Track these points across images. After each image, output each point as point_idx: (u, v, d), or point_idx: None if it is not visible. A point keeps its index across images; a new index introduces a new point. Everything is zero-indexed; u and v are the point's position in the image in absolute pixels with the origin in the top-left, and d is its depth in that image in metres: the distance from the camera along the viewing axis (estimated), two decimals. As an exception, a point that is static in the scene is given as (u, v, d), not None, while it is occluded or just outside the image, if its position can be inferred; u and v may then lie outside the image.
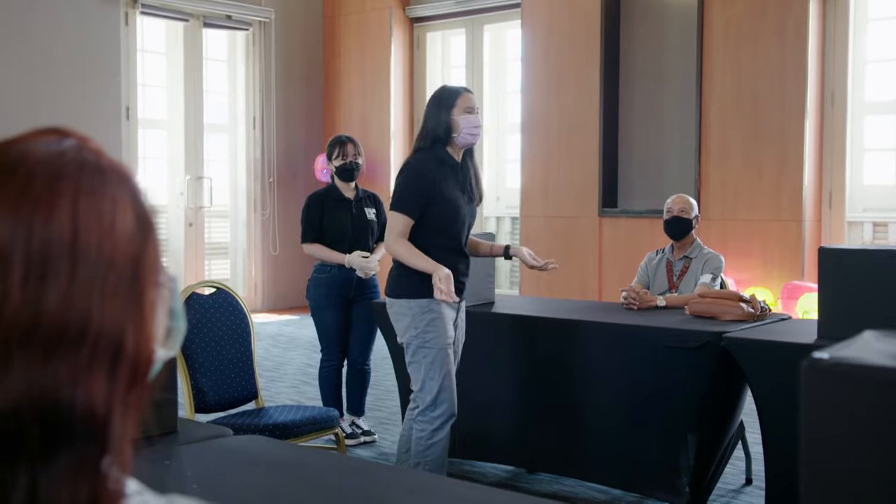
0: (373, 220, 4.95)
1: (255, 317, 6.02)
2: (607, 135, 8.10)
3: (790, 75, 7.15)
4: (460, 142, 3.58)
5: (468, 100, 3.59)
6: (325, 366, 4.92)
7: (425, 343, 3.51)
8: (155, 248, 0.74)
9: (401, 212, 3.52)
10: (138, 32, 8.87)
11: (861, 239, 7.23)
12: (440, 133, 3.55)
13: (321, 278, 4.87)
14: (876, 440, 1.05)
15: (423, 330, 3.51)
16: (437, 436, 3.53)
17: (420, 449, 3.55)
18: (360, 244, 4.87)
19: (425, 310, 3.50)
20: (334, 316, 4.85)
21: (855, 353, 1.12)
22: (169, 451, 2.21)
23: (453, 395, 3.54)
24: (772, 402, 3.49)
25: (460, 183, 3.61)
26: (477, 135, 3.60)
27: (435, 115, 3.57)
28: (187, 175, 9.30)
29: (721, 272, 4.46)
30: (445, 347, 3.51)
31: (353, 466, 2.41)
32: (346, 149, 4.95)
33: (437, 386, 3.51)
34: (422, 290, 3.49)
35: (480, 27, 9.41)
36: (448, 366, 3.53)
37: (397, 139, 9.73)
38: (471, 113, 3.57)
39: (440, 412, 3.52)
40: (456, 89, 3.65)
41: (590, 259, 8.11)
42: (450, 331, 3.55)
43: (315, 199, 4.99)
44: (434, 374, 3.51)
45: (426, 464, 3.54)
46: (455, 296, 3.43)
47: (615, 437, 3.97)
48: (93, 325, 0.68)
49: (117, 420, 0.69)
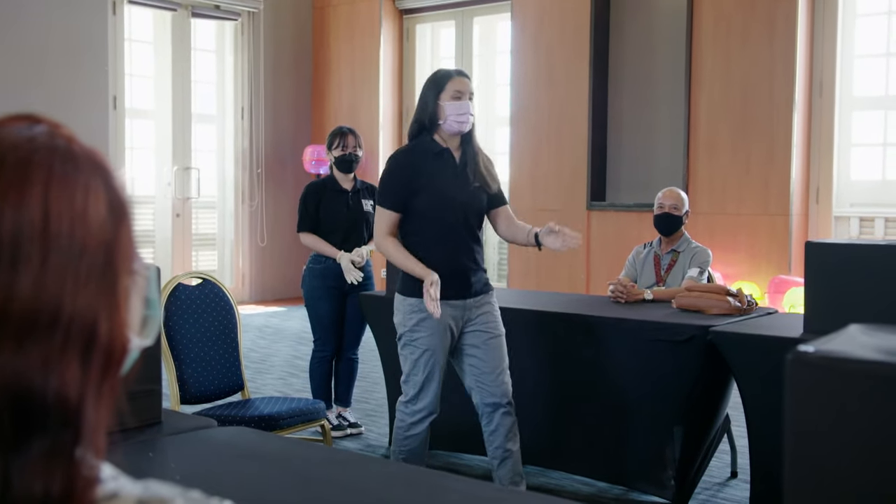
0: (369, 212, 4.94)
1: (242, 308, 5.99)
2: (596, 128, 8.09)
3: (779, 70, 7.16)
4: (447, 129, 3.45)
5: (458, 83, 3.44)
6: (316, 357, 4.92)
7: (412, 341, 3.48)
8: (129, 235, 0.73)
9: (383, 206, 3.48)
10: (126, 22, 8.82)
11: (848, 234, 7.26)
12: (425, 120, 3.47)
13: (316, 269, 4.88)
14: (860, 433, 1.04)
15: (412, 329, 3.47)
16: (414, 429, 3.52)
17: (398, 438, 3.56)
18: (354, 236, 4.88)
19: (415, 309, 3.45)
20: (329, 307, 4.85)
21: (840, 346, 1.11)
22: (153, 442, 2.20)
23: (435, 395, 3.50)
24: (757, 396, 3.49)
25: (451, 169, 3.48)
26: (465, 122, 3.44)
27: (423, 101, 3.49)
28: (175, 165, 9.26)
29: (708, 266, 4.46)
30: (433, 347, 3.45)
31: (339, 458, 2.40)
32: (347, 140, 4.96)
33: (419, 383, 3.49)
34: (413, 289, 3.44)
35: (470, 19, 9.39)
36: (435, 365, 3.46)
37: (386, 131, 9.71)
38: (459, 98, 3.42)
39: (420, 407, 3.50)
40: (447, 73, 3.51)
41: (578, 252, 8.11)
42: (443, 331, 3.44)
43: (312, 188, 4.99)
44: (417, 371, 3.48)
45: (402, 453, 3.54)
46: (438, 310, 3.30)
47: (601, 430, 3.97)
48: (65, 312, 0.67)
49: (91, 407, 0.69)
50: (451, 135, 3.49)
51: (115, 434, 0.74)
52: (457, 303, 3.47)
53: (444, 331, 3.46)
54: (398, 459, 3.54)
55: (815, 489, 1.07)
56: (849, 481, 1.05)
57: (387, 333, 4.58)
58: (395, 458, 3.59)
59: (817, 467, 1.07)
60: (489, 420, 3.56)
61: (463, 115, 3.43)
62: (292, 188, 9.73)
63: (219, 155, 9.83)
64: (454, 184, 3.47)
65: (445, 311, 3.42)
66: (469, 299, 3.50)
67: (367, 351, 5.07)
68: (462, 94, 3.44)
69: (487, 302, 3.56)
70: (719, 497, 3.99)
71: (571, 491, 4.04)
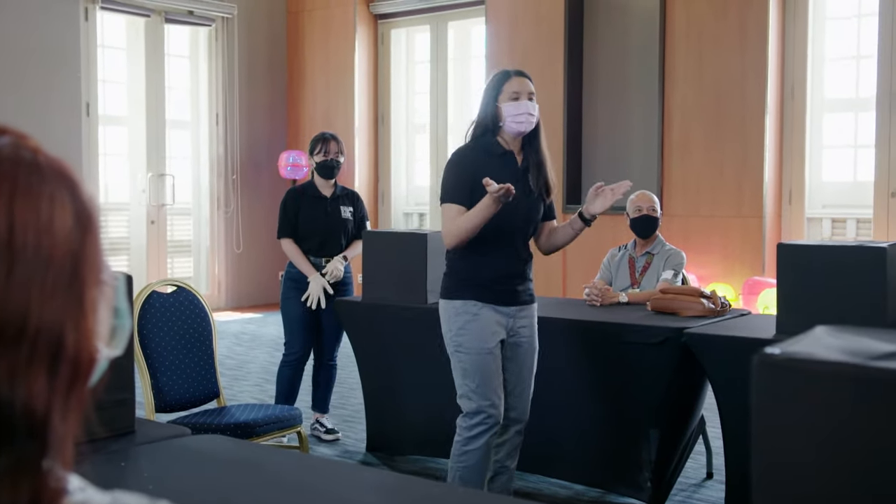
0: (347, 219, 4.94)
1: (218, 315, 5.96)
2: (571, 132, 8.13)
3: (751, 73, 7.23)
4: (508, 130, 3.35)
5: (516, 84, 3.34)
6: (283, 359, 4.90)
7: (459, 347, 3.32)
8: (96, 246, 0.73)
9: (450, 201, 3.32)
10: (99, 28, 8.75)
11: (820, 235, 7.33)
12: (488, 122, 3.36)
13: (293, 272, 4.88)
14: (826, 433, 1.06)
15: (457, 332, 3.32)
16: (472, 444, 3.30)
17: (456, 454, 3.37)
18: (330, 242, 4.87)
19: (460, 311, 3.32)
20: (300, 310, 4.83)
21: (806, 347, 1.13)
22: (125, 452, 2.18)
23: (494, 402, 3.30)
24: (731, 397, 3.52)
25: (513, 173, 3.34)
26: (524, 122, 3.32)
27: (484, 103, 3.38)
28: (149, 172, 9.21)
29: (683, 268, 4.50)
30: (481, 351, 3.29)
31: (313, 465, 2.40)
32: (329, 146, 4.94)
33: (471, 391, 3.29)
34: (460, 291, 3.34)
35: (445, 24, 9.41)
36: (486, 370, 3.28)
37: (361, 136, 9.70)
38: (516, 99, 3.32)
39: (477, 421, 3.30)
40: (504, 73, 3.41)
41: (553, 255, 8.11)
42: (491, 334, 3.31)
43: (292, 194, 5.00)
44: (469, 378, 3.30)
45: (459, 470, 3.34)
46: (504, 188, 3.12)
47: (577, 433, 3.99)
48: (31, 323, 0.67)
49: (58, 418, 0.69)
50: (513, 136, 3.38)
51: (86, 445, 0.74)
52: (505, 309, 3.37)
53: (493, 335, 3.33)
54: (454, 479, 3.36)
55: (782, 488, 1.08)
56: (814, 479, 1.07)
57: (364, 339, 4.59)
58: (451, 475, 3.39)
59: (784, 466, 1.08)
60: (500, 433, 3.42)
61: (521, 115, 3.32)
62: (268, 194, 9.70)
63: (193, 161, 9.78)
64: (514, 185, 3.23)
65: (494, 316, 3.34)
66: (515, 307, 3.40)
67: (342, 356, 5.06)
68: (520, 95, 3.33)
69: (530, 315, 3.47)
70: (695, 498, 4.02)
71: (549, 494, 4.05)
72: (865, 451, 1.03)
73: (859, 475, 1.03)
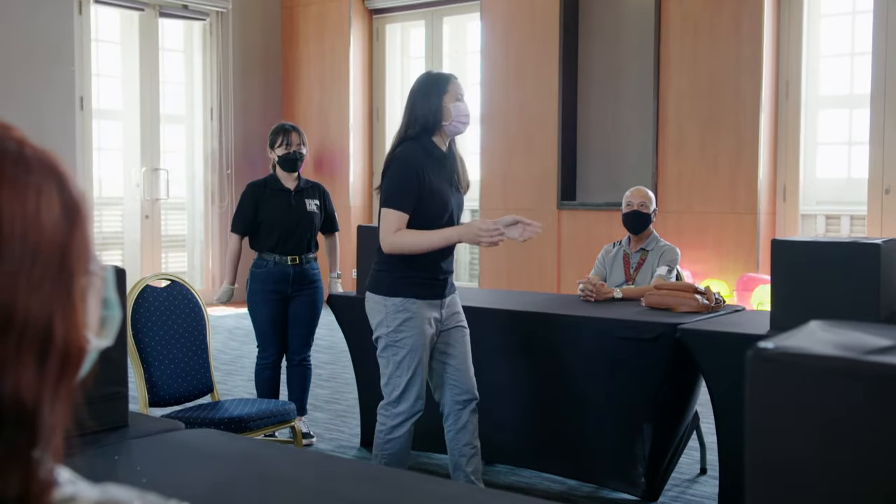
0: (314, 212, 4.76)
1: (212, 310, 5.96)
2: (566, 127, 8.13)
3: (745, 70, 7.23)
4: (450, 130, 3.45)
5: (458, 86, 3.47)
6: (259, 363, 4.73)
7: (396, 342, 3.43)
8: (84, 237, 0.72)
9: (395, 208, 3.36)
10: (93, 21, 8.73)
11: (814, 231, 7.34)
12: (430, 121, 3.41)
13: (257, 273, 4.69)
14: (819, 428, 1.06)
15: (396, 329, 3.42)
16: (396, 432, 3.46)
17: (379, 442, 3.51)
18: (295, 236, 4.68)
19: (399, 309, 3.41)
20: (269, 312, 4.66)
21: (800, 342, 1.13)
22: (119, 446, 2.18)
23: (419, 394, 3.45)
24: (725, 393, 3.52)
25: (448, 174, 3.48)
26: (467, 122, 3.47)
27: (424, 103, 3.42)
28: (143, 167, 9.19)
29: (677, 264, 4.50)
30: (417, 347, 3.41)
31: (306, 459, 2.39)
32: (291, 137, 4.76)
33: (403, 383, 3.44)
34: (398, 289, 3.41)
35: (440, 19, 9.39)
36: (418, 366, 3.42)
37: (356, 131, 9.69)
38: (460, 100, 3.45)
39: (402, 409, 3.45)
40: (446, 76, 3.51)
41: (548, 251, 8.14)
42: (427, 330, 3.43)
43: (251, 188, 4.79)
44: (402, 372, 3.43)
45: (384, 457, 3.49)
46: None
47: (571, 429, 3.99)
48: (19, 314, 0.67)
49: (47, 409, 0.68)
50: (449, 136, 3.50)
51: (79, 438, 0.73)
52: (437, 302, 3.48)
53: (428, 330, 3.45)
54: (380, 465, 3.48)
55: (775, 483, 1.08)
56: (808, 474, 1.06)
57: (359, 334, 4.58)
58: (377, 462, 3.52)
59: (777, 461, 1.08)
60: (457, 417, 3.54)
61: (466, 116, 3.47)
62: (262, 189, 9.67)
63: (188, 156, 9.76)
64: (449, 188, 3.48)
65: (430, 312, 3.44)
66: (446, 298, 3.53)
67: (338, 352, 5.05)
68: (462, 97, 3.48)
69: (456, 300, 3.61)
70: (689, 493, 4.02)
71: (542, 489, 4.05)
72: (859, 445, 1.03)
73: (853, 469, 1.03)
